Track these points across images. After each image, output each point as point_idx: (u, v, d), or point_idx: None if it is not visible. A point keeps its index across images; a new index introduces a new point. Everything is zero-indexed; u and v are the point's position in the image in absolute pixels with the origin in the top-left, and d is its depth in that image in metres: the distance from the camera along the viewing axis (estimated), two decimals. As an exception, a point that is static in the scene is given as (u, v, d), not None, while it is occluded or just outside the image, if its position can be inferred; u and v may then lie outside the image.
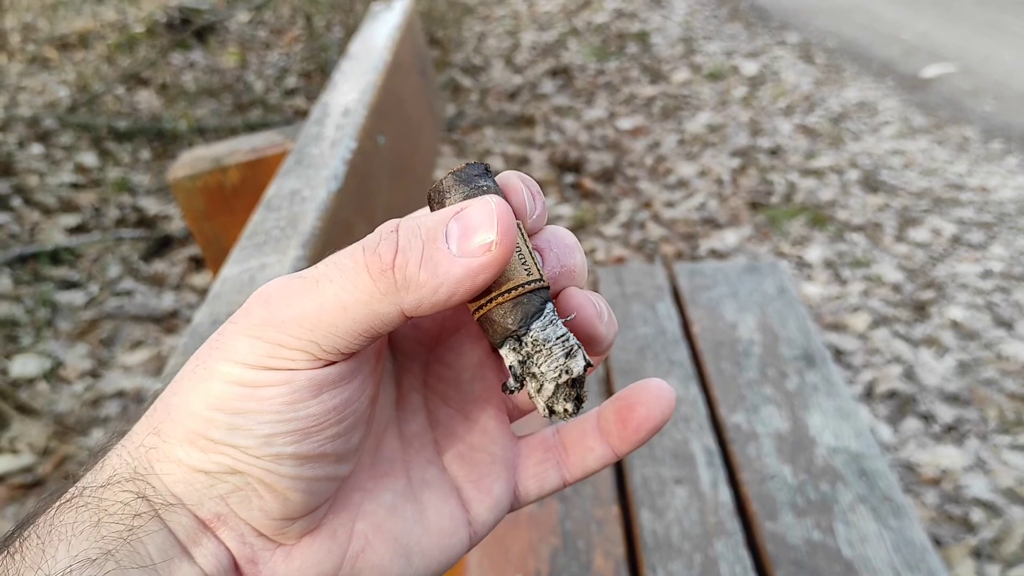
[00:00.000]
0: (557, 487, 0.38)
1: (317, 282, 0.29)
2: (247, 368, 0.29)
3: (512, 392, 0.31)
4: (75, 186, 2.83)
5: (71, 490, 0.30)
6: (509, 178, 0.32)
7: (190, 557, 0.30)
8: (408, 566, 0.34)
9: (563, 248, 0.33)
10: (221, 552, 0.30)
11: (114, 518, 0.29)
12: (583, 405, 0.32)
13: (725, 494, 0.98)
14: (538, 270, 0.31)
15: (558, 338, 0.30)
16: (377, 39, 1.08)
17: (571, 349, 0.31)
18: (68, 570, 0.27)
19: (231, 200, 0.89)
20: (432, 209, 0.31)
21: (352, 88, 0.91)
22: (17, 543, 0.29)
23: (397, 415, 0.36)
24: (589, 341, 0.32)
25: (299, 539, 0.32)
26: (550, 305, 0.31)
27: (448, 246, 0.29)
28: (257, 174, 0.89)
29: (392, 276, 0.28)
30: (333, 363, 0.29)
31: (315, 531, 0.32)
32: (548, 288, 0.31)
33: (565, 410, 0.31)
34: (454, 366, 0.36)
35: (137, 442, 0.31)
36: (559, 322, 0.31)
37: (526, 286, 0.30)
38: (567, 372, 0.30)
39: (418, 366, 0.37)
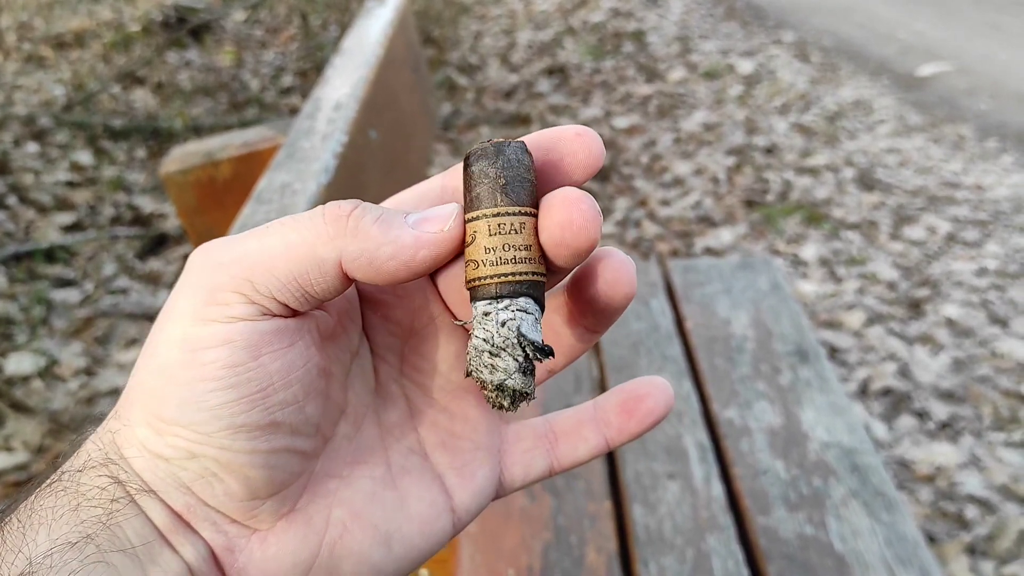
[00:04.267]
0: (544, 474, 0.38)
1: (266, 228, 0.30)
2: (187, 324, 0.29)
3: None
4: (70, 184, 2.82)
5: (52, 476, 0.31)
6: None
7: (171, 547, 0.30)
8: (388, 553, 0.34)
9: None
10: (199, 543, 0.31)
11: (92, 502, 0.29)
12: (509, 399, 0.31)
13: (717, 489, 0.98)
14: (534, 265, 0.31)
15: (503, 324, 0.30)
16: (370, 35, 1.08)
17: (506, 341, 0.30)
18: (49, 553, 0.27)
19: (223, 194, 0.89)
20: (465, 170, 0.32)
21: (344, 83, 0.91)
22: None
23: (376, 404, 0.36)
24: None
25: (273, 524, 0.32)
26: (527, 301, 0.31)
27: (405, 220, 0.30)
28: (249, 168, 0.89)
29: (345, 222, 0.29)
30: (267, 315, 0.30)
31: (290, 517, 0.32)
32: (536, 284, 0.31)
33: (480, 379, 0.31)
34: (431, 357, 0.36)
35: (104, 426, 0.31)
36: (530, 320, 0.31)
37: (517, 276, 0.31)
38: (490, 352, 0.31)
39: (394, 356, 0.37)
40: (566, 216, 0.30)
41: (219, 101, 3.57)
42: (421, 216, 0.31)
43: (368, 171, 0.85)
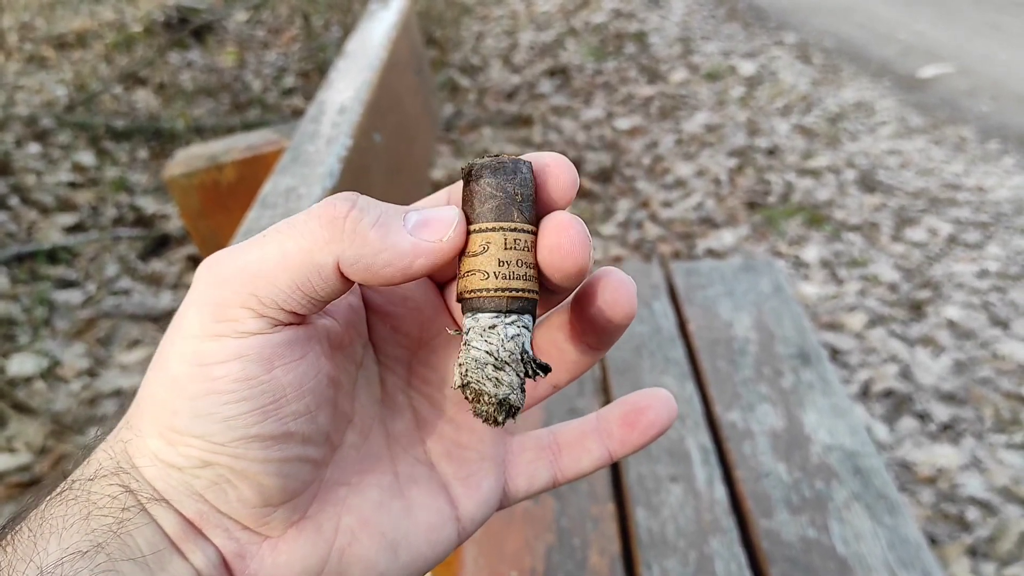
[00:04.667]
0: (547, 486, 0.38)
1: (264, 236, 0.30)
2: (198, 340, 0.29)
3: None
4: (72, 185, 2.83)
5: (61, 484, 0.31)
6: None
7: (181, 554, 0.30)
8: (395, 560, 0.34)
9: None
10: (210, 549, 0.31)
11: (103, 511, 0.29)
12: (505, 413, 0.31)
13: (720, 492, 0.98)
14: (537, 284, 0.32)
15: (511, 338, 0.31)
16: (373, 37, 1.08)
17: (511, 356, 0.31)
18: (60, 562, 0.27)
19: (227, 198, 0.89)
20: (467, 183, 0.32)
21: (348, 86, 0.91)
22: (9, 536, 0.29)
23: (383, 413, 0.36)
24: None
25: (284, 531, 0.32)
26: (529, 319, 0.31)
27: (404, 224, 0.30)
28: (253, 172, 0.89)
29: (342, 225, 0.29)
30: (278, 326, 0.30)
31: (301, 524, 0.32)
32: (536, 303, 0.32)
33: (480, 392, 0.31)
34: (438, 368, 0.37)
35: (115, 436, 0.31)
36: (529, 337, 0.31)
37: (525, 292, 0.31)
38: (494, 365, 0.31)
39: (401, 367, 0.37)
40: (555, 240, 0.30)
41: (221, 102, 3.57)
42: (421, 219, 0.30)
43: (372, 174, 0.85)
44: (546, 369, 0.32)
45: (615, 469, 1.03)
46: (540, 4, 5.17)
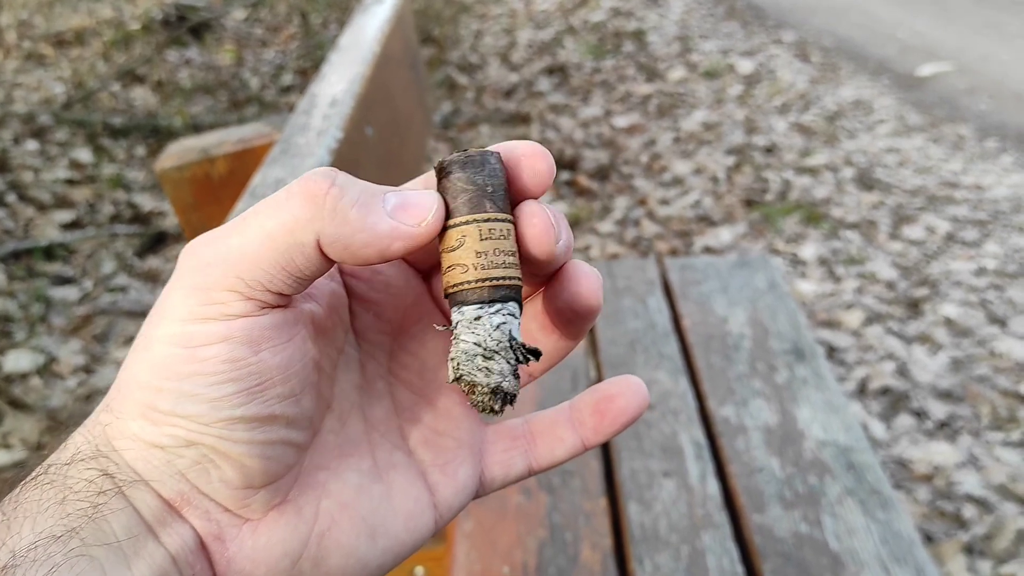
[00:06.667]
0: (523, 475, 0.39)
1: (244, 219, 0.30)
2: (183, 323, 0.29)
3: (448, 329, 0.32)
4: (70, 182, 2.82)
5: (37, 469, 0.31)
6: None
7: (156, 537, 0.30)
8: (373, 546, 0.34)
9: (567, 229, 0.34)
10: (186, 532, 0.30)
11: (79, 496, 0.29)
12: (500, 401, 0.32)
13: (713, 487, 0.98)
14: (519, 271, 0.32)
15: (497, 327, 0.31)
16: (367, 32, 1.08)
17: (499, 344, 0.31)
18: (33, 546, 0.27)
19: (219, 190, 0.89)
20: (439, 180, 0.32)
21: (340, 79, 0.91)
22: None
23: (361, 400, 0.36)
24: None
25: (265, 514, 0.32)
26: (514, 306, 0.32)
27: (384, 205, 0.30)
28: (245, 164, 0.88)
29: (322, 202, 0.29)
30: (265, 308, 0.30)
31: (281, 507, 0.32)
32: (519, 289, 0.32)
33: (473, 383, 0.31)
34: (418, 355, 0.37)
35: (94, 419, 0.31)
36: (516, 324, 0.31)
37: (506, 280, 0.31)
38: (484, 356, 0.31)
39: (382, 354, 0.37)
40: (523, 229, 0.32)
41: (219, 99, 3.57)
42: (401, 201, 0.30)
43: (363, 167, 0.85)
44: (536, 354, 0.32)
45: (608, 464, 1.03)
46: (539, 2, 5.16)
